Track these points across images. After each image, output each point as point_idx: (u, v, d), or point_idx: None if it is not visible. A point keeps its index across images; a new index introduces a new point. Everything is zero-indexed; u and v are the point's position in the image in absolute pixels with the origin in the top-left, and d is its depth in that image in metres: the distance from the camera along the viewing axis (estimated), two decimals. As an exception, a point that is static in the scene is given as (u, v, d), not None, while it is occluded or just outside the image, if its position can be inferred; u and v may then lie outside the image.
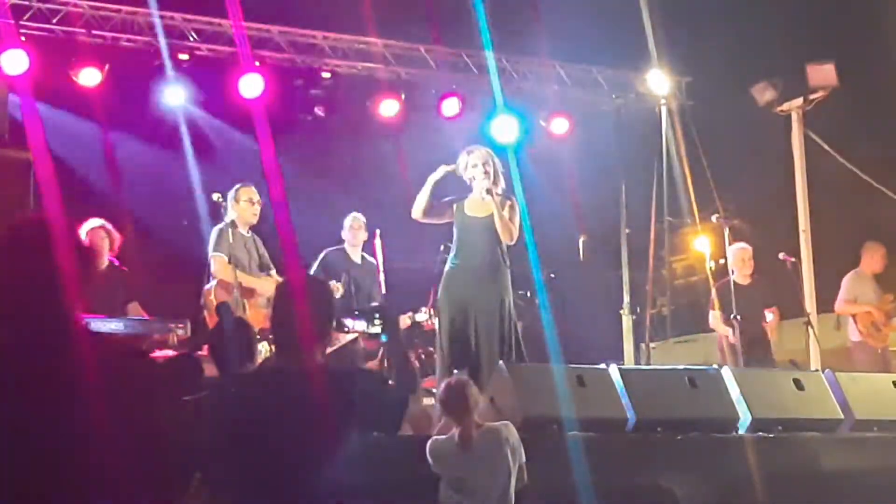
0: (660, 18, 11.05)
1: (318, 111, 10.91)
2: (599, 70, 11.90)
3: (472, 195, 7.85)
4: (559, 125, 11.70)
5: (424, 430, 6.36)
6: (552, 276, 11.63)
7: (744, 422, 7.12)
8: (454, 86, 11.19)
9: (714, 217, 10.18)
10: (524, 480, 5.42)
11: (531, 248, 9.77)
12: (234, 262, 8.10)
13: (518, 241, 8.02)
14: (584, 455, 6.38)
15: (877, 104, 11.74)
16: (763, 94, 11.65)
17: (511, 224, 7.77)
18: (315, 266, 8.99)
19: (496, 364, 7.18)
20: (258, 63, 10.18)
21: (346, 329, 8.07)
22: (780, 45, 11.52)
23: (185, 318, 7.78)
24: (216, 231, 8.28)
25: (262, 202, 8.47)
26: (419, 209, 7.81)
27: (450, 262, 7.87)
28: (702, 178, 11.47)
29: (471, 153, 7.85)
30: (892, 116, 11.60)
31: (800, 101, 11.68)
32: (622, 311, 11.94)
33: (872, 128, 11.85)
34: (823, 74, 11.34)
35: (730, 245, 9.81)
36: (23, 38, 9.34)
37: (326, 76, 10.68)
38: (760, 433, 7.11)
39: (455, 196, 7.89)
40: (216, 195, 8.35)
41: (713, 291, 9.97)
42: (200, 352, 7.33)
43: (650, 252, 12.05)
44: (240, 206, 8.35)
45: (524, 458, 5.42)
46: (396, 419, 3.90)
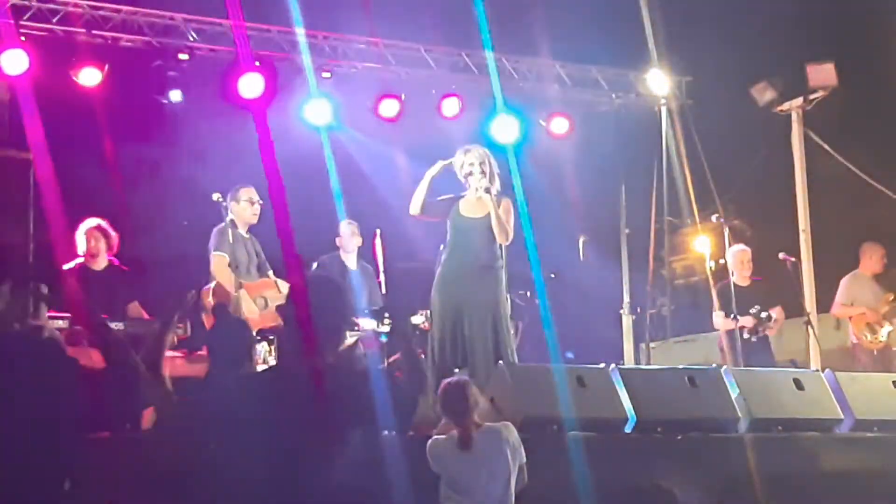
0: (660, 18, 11.05)
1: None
2: (599, 70, 11.88)
3: (467, 195, 7.77)
4: (559, 125, 11.69)
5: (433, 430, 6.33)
6: (552, 276, 11.63)
7: (744, 422, 7.12)
8: (454, 86, 11.19)
9: (714, 217, 10.18)
10: (524, 481, 5.42)
11: (531, 248, 9.76)
12: (235, 263, 8.09)
13: (518, 241, 7.99)
14: (584, 455, 6.38)
15: (877, 104, 11.75)
16: (763, 94, 11.65)
17: (507, 225, 7.67)
18: (311, 272, 8.93)
19: (491, 366, 7.15)
20: (258, 63, 10.17)
21: (357, 328, 8.00)
22: (780, 45, 11.52)
23: (185, 318, 7.78)
24: (217, 231, 8.28)
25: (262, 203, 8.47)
26: (417, 205, 7.72)
27: (443, 263, 7.77)
28: (702, 179, 11.47)
29: (468, 152, 7.76)
30: (892, 116, 11.60)
31: (800, 101, 11.68)
32: (622, 311, 11.94)
33: (872, 128, 11.85)
34: (823, 74, 11.34)
35: (729, 246, 9.81)
36: (23, 38, 9.32)
37: (326, 76, 10.68)
38: (760, 433, 7.11)
39: (453, 195, 7.81)
40: (216, 195, 8.35)
41: (714, 292, 9.97)
42: (199, 351, 7.37)
43: (650, 252, 12.05)
44: (240, 207, 8.35)
45: (524, 459, 5.42)
46: (406, 419, 3.90)
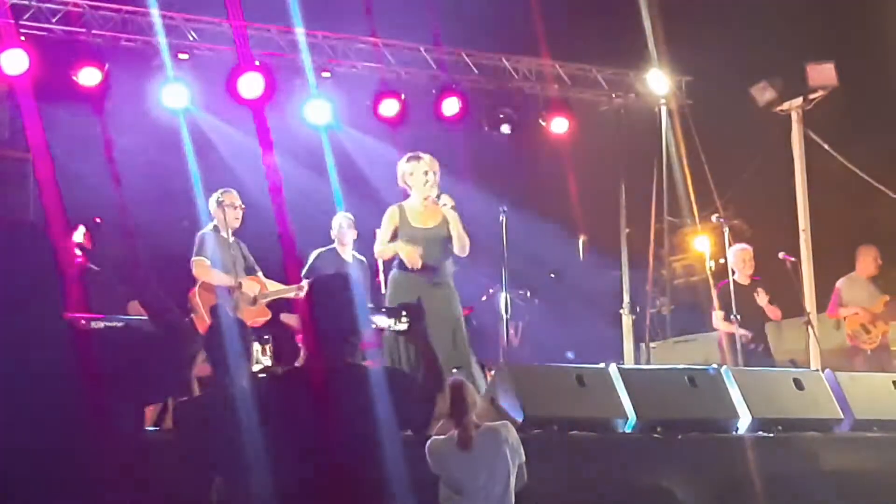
0: (660, 18, 11.05)
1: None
2: (599, 70, 11.89)
3: (412, 203, 7.55)
4: (559, 125, 11.68)
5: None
6: (552, 276, 11.64)
7: (744, 422, 7.12)
8: (454, 85, 11.19)
9: (714, 217, 10.18)
10: (524, 480, 5.41)
11: (531, 249, 9.75)
12: (220, 266, 8.15)
13: (518, 241, 7.96)
14: (584, 455, 6.39)
15: (877, 104, 11.74)
16: (763, 94, 11.65)
17: (466, 236, 7.50)
18: (306, 267, 8.91)
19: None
20: (258, 62, 10.17)
21: (374, 326, 7.96)
22: (780, 45, 11.52)
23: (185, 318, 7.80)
24: (199, 236, 8.32)
25: (251, 204, 8.52)
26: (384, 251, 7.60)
27: (396, 269, 7.53)
28: (702, 178, 11.47)
29: (420, 160, 7.54)
30: (892, 116, 11.59)
31: (800, 101, 11.68)
32: (622, 311, 11.94)
33: (872, 128, 11.85)
34: (823, 74, 11.34)
35: (730, 245, 9.81)
36: (23, 38, 9.32)
37: (326, 76, 10.67)
38: (760, 433, 7.11)
39: (393, 209, 7.56)
40: (216, 195, 8.38)
41: (714, 293, 9.96)
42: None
43: (650, 252, 12.05)
44: (223, 212, 8.35)
45: (524, 458, 5.42)
46: (425, 418, 3.89)
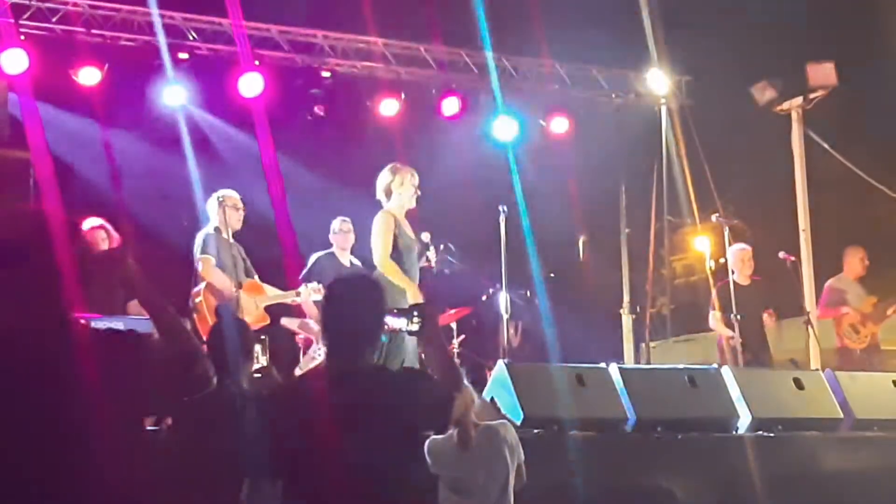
0: (660, 18, 11.04)
1: (318, 111, 10.90)
2: (599, 70, 11.89)
3: (398, 212, 7.55)
4: (559, 125, 11.69)
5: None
6: (552, 276, 11.64)
7: (744, 422, 7.12)
8: (454, 85, 11.19)
9: (714, 217, 10.17)
10: (523, 480, 5.40)
11: (531, 248, 9.75)
12: (221, 267, 8.12)
13: (518, 241, 7.97)
14: (584, 455, 6.38)
15: (877, 104, 11.74)
16: (763, 94, 11.64)
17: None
18: (305, 271, 8.90)
19: None
20: (258, 62, 10.17)
21: (387, 327, 7.95)
22: (780, 45, 11.51)
23: (185, 318, 7.79)
24: (201, 235, 8.28)
25: (261, 203, 8.48)
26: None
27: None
28: (702, 178, 11.46)
29: (408, 170, 7.59)
30: (892, 116, 11.59)
31: (800, 101, 11.67)
32: (622, 311, 11.94)
33: (872, 128, 11.84)
34: (823, 74, 11.33)
35: (730, 245, 9.81)
36: (22, 38, 9.33)
37: (326, 75, 10.67)
38: (760, 433, 7.11)
39: (390, 217, 7.47)
40: (216, 196, 8.37)
41: (713, 292, 9.97)
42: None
43: (650, 252, 12.05)
44: (225, 213, 8.34)
45: (523, 458, 5.41)
46: (446, 419, 3.89)
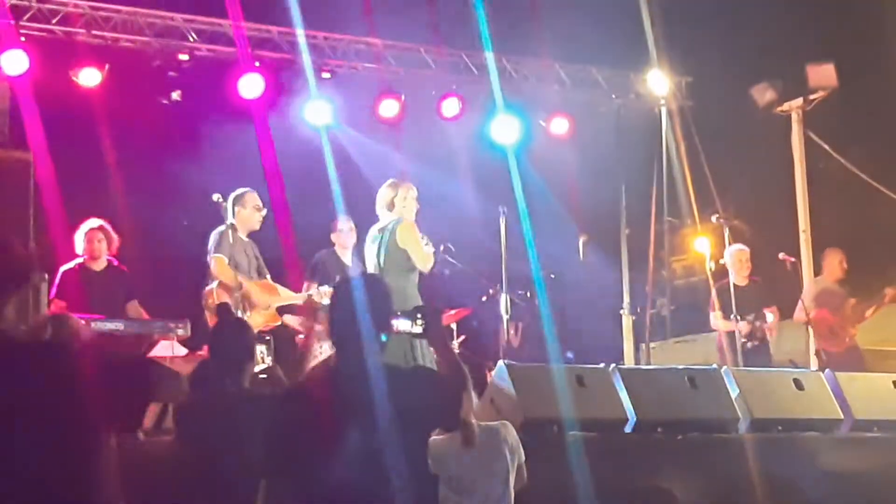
0: (660, 18, 11.04)
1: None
2: (599, 70, 11.89)
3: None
4: (559, 125, 11.69)
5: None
6: (552, 276, 11.63)
7: (744, 422, 7.12)
8: (454, 86, 11.19)
9: (714, 217, 10.17)
10: (524, 480, 5.41)
11: (531, 248, 9.74)
12: (234, 265, 8.07)
13: (518, 241, 7.97)
14: (584, 455, 6.38)
15: (877, 104, 11.73)
16: (763, 95, 11.65)
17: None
18: (310, 269, 8.90)
19: None
20: (258, 63, 10.18)
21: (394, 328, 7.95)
22: (780, 46, 11.51)
23: (185, 318, 7.78)
24: (216, 233, 8.23)
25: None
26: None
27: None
28: (701, 179, 11.45)
29: (409, 184, 7.79)
30: (892, 116, 11.59)
31: (800, 102, 11.68)
32: (622, 311, 11.93)
33: (872, 128, 11.84)
34: (823, 74, 11.34)
35: (728, 246, 9.81)
36: (23, 39, 9.34)
37: (326, 76, 10.68)
38: (760, 433, 7.11)
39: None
40: (216, 196, 8.34)
41: (713, 292, 9.97)
42: (200, 352, 7.36)
43: (650, 252, 12.03)
44: (246, 212, 8.31)
45: (523, 458, 5.41)
46: (455, 417, 3.91)
